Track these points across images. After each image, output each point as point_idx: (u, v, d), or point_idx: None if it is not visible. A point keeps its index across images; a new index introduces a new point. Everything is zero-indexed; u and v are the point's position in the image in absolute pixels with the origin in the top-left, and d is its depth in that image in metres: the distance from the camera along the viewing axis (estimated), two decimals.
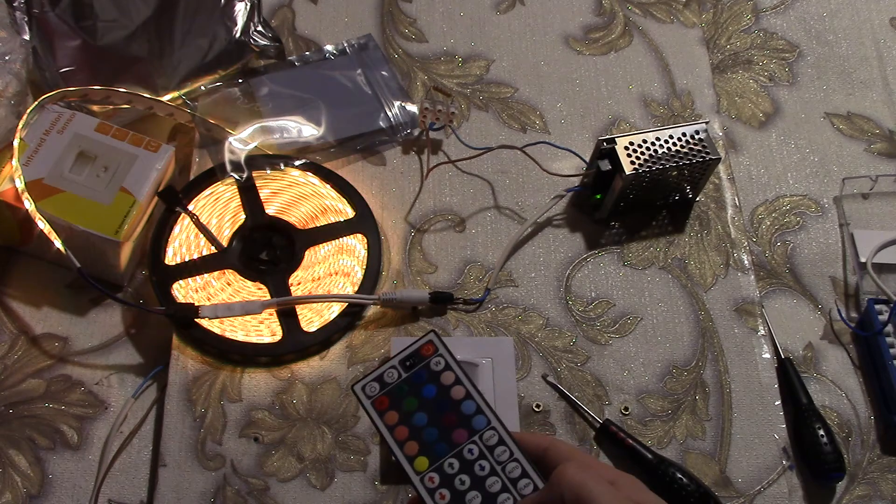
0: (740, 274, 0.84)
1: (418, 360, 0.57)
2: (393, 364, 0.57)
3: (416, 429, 0.55)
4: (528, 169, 0.87)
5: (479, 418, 0.55)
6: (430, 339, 0.58)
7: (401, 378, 0.56)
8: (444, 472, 0.53)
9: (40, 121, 0.78)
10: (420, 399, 0.56)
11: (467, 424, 0.55)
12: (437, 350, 0.57)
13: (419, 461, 0.54)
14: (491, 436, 0.54)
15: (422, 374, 0.56)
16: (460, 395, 0.56)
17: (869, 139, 0.93)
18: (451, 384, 0.56)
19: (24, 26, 0.84)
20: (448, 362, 0.57)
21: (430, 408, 0.55)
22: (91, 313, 0.79)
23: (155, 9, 0.87)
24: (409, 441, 0.55)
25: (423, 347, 0.57)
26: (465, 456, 0.54)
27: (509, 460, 0.53)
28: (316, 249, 0.81)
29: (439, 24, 0.96)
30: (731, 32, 1.00)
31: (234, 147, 0.83)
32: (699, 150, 0.81)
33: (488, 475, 0.53)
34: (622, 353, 0.79)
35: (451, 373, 0.56)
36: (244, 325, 0.77)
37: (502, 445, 0.54)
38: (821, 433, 0.75)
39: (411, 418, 0.55)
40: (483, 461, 0.53)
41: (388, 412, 0.56)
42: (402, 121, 0.88)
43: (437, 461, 0.54)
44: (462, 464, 0.54)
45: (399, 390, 0.56)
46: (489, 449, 0.54)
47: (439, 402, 0.56)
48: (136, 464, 0.73)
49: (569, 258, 0.84)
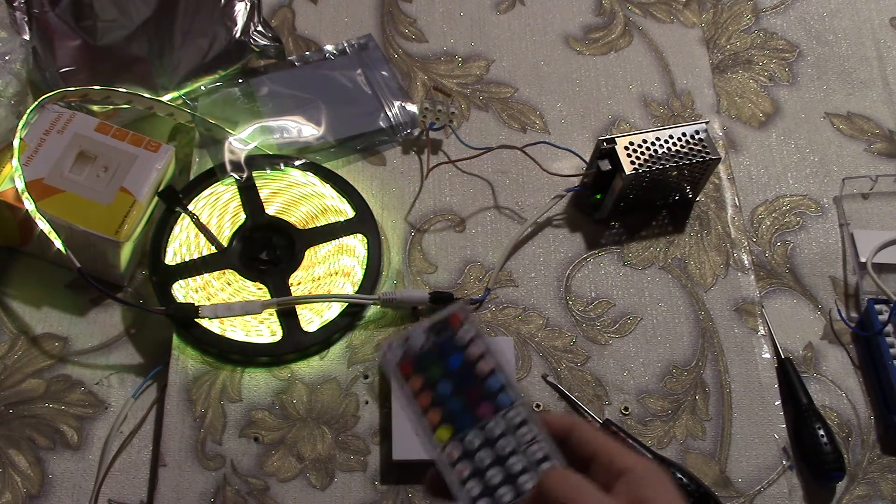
0: (740, 274, 0.84)
1: (446, 329, 0.54)
2: (419, 330, 0.54)
3: (439, 397, 0.53)
4: (528, 169, 0.87)
5: (504, 395, 0.53)
6: (459, 308, 0.55)
7: (427, 345, 0.54)
8: (466, 445, 0.52)
9: (40, 121, 0.78)
10: (445, 368, 0.54)
11: (492, 400, 0.53)
12: (466, 321, 0.55)
13: (441, 431, 0.52)
14: (516, 414, 0.52)
15: (449, 343, 0.54)
16: (486, 370, 0.53)
17: (869, 139, 0.93)
18: (477, 357, 0.54)
19: (24, 26, 0.84)
20: (476, 335, 0.54)
21: (455, 378, 0.53)
22: (91, 313, 0.79)
23: (155, 9, 0.87)
24: (432, 409, 0.52)
25: (451, 317, 0.54)
26: (489, 432, 0.52)
27: (532, 441, 0.52)
28: (316, 249, 0.81)
29: (439, 24, 0.96)
30: (731, 32, 1.00)
31: (234, 147, 0.83)
32: (699, 150, 0.81)
33: (511, 454, 0.52)
34: (622, 353, 0.79)
35: (478, 346, 0.54)
36: (244, 325, 0.77)
37: (526, 425, 0.52)
38: (821, 433, 0.75)
39: (435, 386, 0.53)
40: (506, 439, 0.52)
41: (413, 378, 0.53)
42: (402, 121, 0.88)
43: (459, 433, 0.52)
44: (485, 439, 0.52)
45: (424, 357, 0.54)
46: (513, 427, 0.52)
47: (465, 374, 0.53)
48: (136, 464, 0.73)
49: (569, 258, 0.84)
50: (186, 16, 0.88)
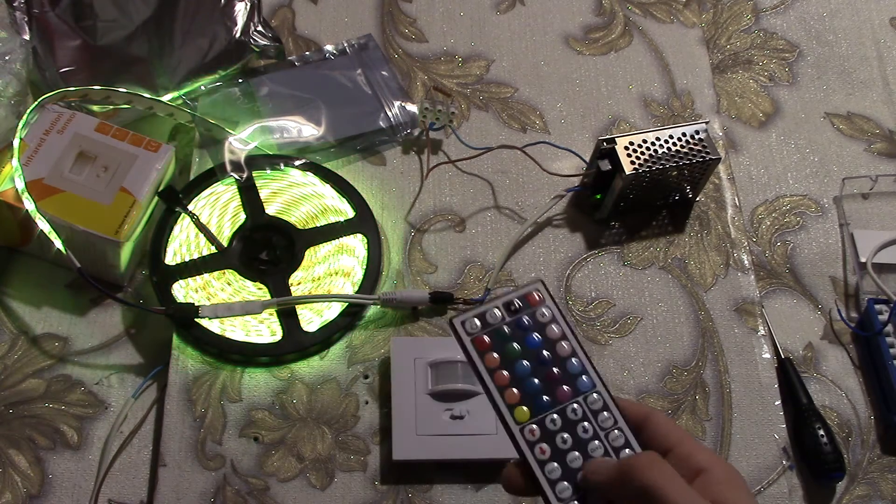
0: (740, 274, 0.84)
1: (524, 307, 0.53)
2: (496, 304, 0.53)
3: (518, 377, 0.51)
4: (528, 169, 0.87)
5: (584, 379, 0.52)
6: (538, 287, 0.53)
7: (504, 321, 0.52)
8: (546, 427, 0.51)
9: (40, 121, 0.78)
10: (524, 346, 0.52)
11: (571, 383, 0.52)
12: (545, 300, 0.53)
13: (519, 411, 0.51)
14: (596, 399, 0.52)
15: (527, 321, 0.53)
16: (566, 352, 0.52)
17: (869, 139, 0.93)
18: (557, 338, 0.53)
19: (24, 26, 0.84)
20: (555, 315, 0.53)
21: (533, 358, 0.52)
22: (91, 313, 0.79)
23: (155, 9, 0.87)
24: (510, 388, 0.51)
25: (529, 295, 0.53)
26: (569, 415, 0.51)
27: (613, 427, 0.51)
28: (316, 249, 0.81)
29: (439, 24, 0.96)
30: (731, 32, 1.00)
31: (234, 147, 0.83)
32: (699, 150, 0.81)
33: (591, 438, 0.51)
34: (622, 353, 0.79)
35: (557, 326, 0.53)
36: (244, 325, 0.77)
37: (606, 411, 0.51)
38: (821, 433, 0.75)
39: (513, 365, 0.52)
40: (586, 423, 0.51)
41: (489, 353, 0.52)
42: (402, 121, 0.88)
43: (538, 414, 0.51)
44: (565, 422, 0.51)
45: (501, 333, 0.52)
46: (593, 413, 0.51)
47: (543, 355, 0.52)
48: (136, 464, 0.73)
49: (569, 258, 0.84)
50: (186, 16, 0.88)
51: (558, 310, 0.53)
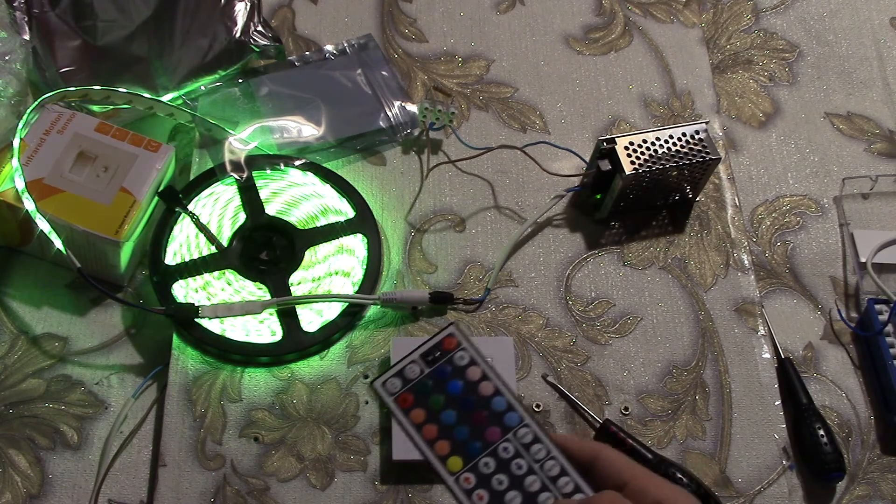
0: (740, 274, 0.84)
1: (441, 354, 0.53)
2: (413, 359, 0.53)
3: (445, 427, 0.52)
4: (528, 169, 0.87)
5: (511, 415, 0.52)
6: (452, 332, 0.54)
7: (424, 373, 0.53)
8: (480, 471, 0.51)
9: (40, 121, 0.78)
10: (447, 395, 0.53)
11: (499, 422, 0.52)
12: (461, 343, 0.54)
13: (452, 461, 0.51)
14: (525, 433, 0.52)
15: (446, 368, 0.53)
16: (489, 392, 0.53)
17: (869, 139, 0.93)
18: (478, 379, 0.53)
19: (24, 26, 0.84)
20: (473, 356, 0.53)
21: (458, 405, 0.52)
22: (91, 313, 0.79)
23: (155, 9, 0.87)
24: (440, 440, 0.52)
25: (444, 340, 0.54)
26: (501, 454, 0.51)
27: (547, 458, 0.51)
28: (316, 249, 0.81)
29: (439, 24, 0.96)
30: (731, 32, 1.00)
31: (234, 147, 0.83)
32: (699, 150, 0.81)
33: (527, 474, 0.51)
34: (622, 353, 0.79)
35: (477, 367, 0.53)
36: (244, 325, 0.77)
37: (538, 443, 0.52)
38: (821, 433, 0.75)
39: (439, 416, 0.52)
40: (520, 460, 0.51)
41: (414, 410, 0.52)
42: (402, 121, 0.88)
43: (471, 460, 0.51)
44: (498, 463, 0.51)
45: (423, 386, 0.53)
46: (525, 447, 0.52)
47: (467, 399, 0.53)
48: (136, 464, 0.73)
49: (569, 258, 0.84)
50: (186, 16, 0.88)
51: (475, 350, 0.54)
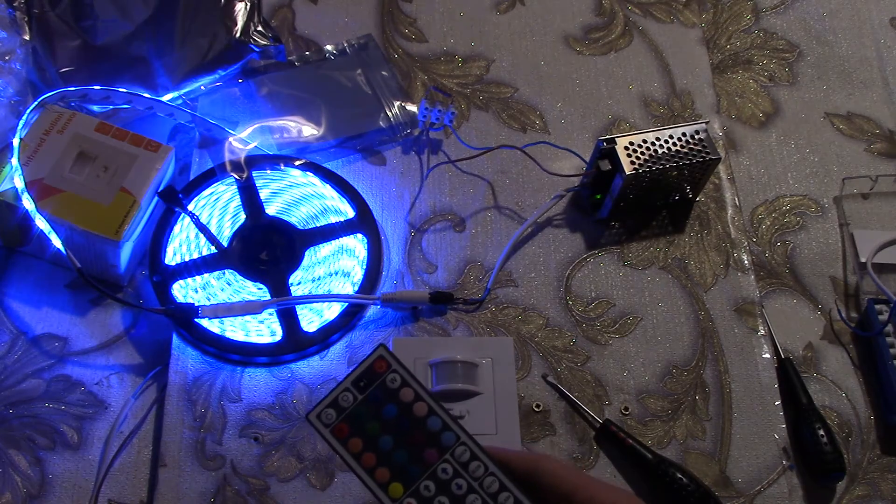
0: (740, 274, 0.84)
1: (373, 379, 0.53)
2: (346, 387, 0.53)
3: (383, 453, 0.52)
4: (528, 169, 0.87)
5: (447, 434, 0.52)
6: (381, 355, 0.54)
7: (357, 400, 0.53)
8: (421, 495, 0.51)
9: (40, 121, 0.78)
10: (382, 421, 0.52)
11: (436, 442, 0.52)
12: (391, 365, 0.53)
13: (393, 487, 0.51)
14: (462, 451, 0.52)
15: (378, 393, 0.53)
16: (423, 412, 0.53)
17: (869, 139, 0.93)
18: (411, 401, 0.53)
19: (24, 26, 0.84)
20: (404, 377, 0.53)
21: (393, 429, 0.52)
22: (91, 313, 0.79)
23: (155, 9, 0.87)
24: (379, 468, 0.52)
25: (374, 364, 0.53)
26: (440, 476, 0.51)
27: (486, 475, 0.51)
28: (316, 249, 0.81)
29: (439, 24, 0.96)
30: (731, 32, 1.00)
31: (234, 147, 0.83)
32: (699, 150, 0.81)
33: (467, 493, 0.51)
34: (622, 353, 0.79)
35: (409, 389, 0.53)
36: (244, 325, 0.77)
37: (476, 461, 0.52)
38: (821, 433, 0.75)
39: (376, 442, 0.52)
40: (459, 480, 0.51)
41: (352, 439, 0.52)
42: (402, 121, 0.88)
43: (411, 485, 0.51)
44: (438, 485, 0.51)
45: (358, 414, 0.52)
46: (463, 466, 0.52)
47: (403, 422, 0.52)
48: (136, 464, 0.73)
49: (569, 258, 0.84)
50: (186, 16, 0.88)
51: (406, 370, 0.53)
